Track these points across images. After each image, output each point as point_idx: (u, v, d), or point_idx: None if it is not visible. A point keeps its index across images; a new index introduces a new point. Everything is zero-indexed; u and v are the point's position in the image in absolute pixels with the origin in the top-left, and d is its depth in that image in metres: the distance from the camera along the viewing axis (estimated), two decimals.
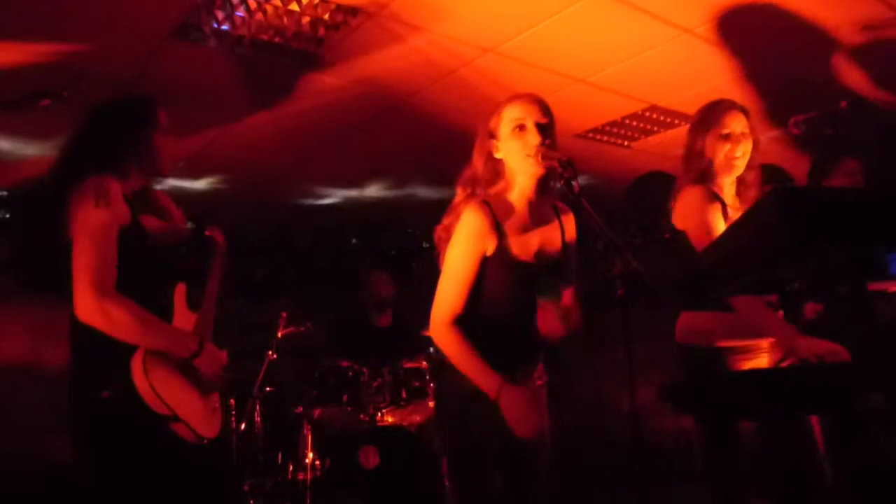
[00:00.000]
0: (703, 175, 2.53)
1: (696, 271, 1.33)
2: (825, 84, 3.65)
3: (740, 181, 2.57)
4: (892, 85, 3.66)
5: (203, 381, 2.13)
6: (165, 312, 2.14)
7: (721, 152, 2.51)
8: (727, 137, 2.50)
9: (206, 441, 2.02)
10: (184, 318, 2.22)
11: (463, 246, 2.12)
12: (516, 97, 2.22)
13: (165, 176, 2.36)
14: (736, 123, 2.51)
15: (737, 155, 2.50)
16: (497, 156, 2.20)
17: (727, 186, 2.56)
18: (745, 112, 2.55)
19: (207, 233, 2.67)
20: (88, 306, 1.87)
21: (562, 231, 2.30)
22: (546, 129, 2.15)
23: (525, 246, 2.18)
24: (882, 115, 2.20)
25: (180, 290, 2.24)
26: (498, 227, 2.13)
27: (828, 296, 2.41)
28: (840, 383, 1.12)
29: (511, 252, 2.14)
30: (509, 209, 2.19)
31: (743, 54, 3.46)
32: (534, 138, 2.11)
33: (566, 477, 2.35)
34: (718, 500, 2.47)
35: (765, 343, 2.45)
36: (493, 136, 2.21)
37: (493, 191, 2.21)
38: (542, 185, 2.21)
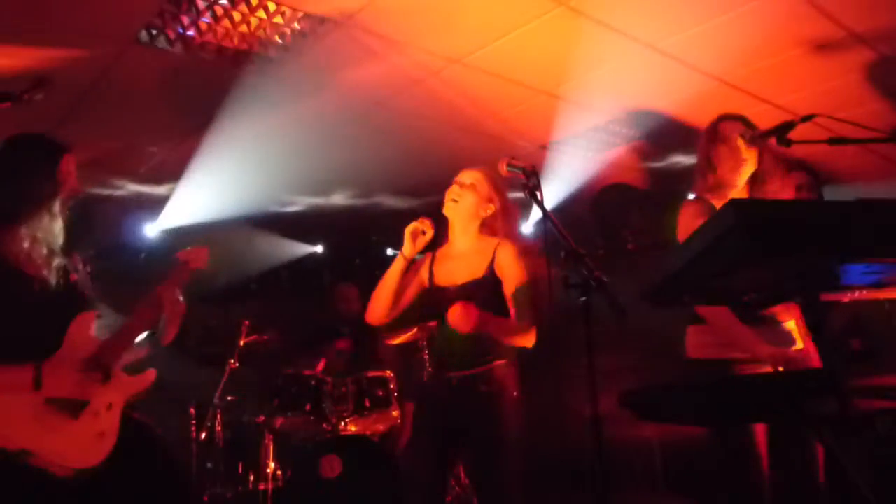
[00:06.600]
0: (711, 187, 2.57)
1: (660, 279, 1.35)
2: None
3: (752, 182, 2.57)
4: None
5: (84, 405, 2.02)
6: (33, 349, 2.03)
7: (726, 160, 2.53)
8: (729, 144, 2.52)
9: (73, 472, 1.91)
10: (80, 347, 2.10)
11: None
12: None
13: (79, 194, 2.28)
14: (735, 130, 2.53)
15: (741, 159, 2.51)
16: None
17: (738, 193, 2.57)
18: (743, 120, 2.58)
19: (178, 254, 2.45)
20: None
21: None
22: None
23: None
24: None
25: (84, 319, 2.14)
26: None
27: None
28: (790, 390, 1.15)
29: None
30: None
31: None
32: None
33: (528, 483, 2.37)
34: None
35: None
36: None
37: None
38: None
